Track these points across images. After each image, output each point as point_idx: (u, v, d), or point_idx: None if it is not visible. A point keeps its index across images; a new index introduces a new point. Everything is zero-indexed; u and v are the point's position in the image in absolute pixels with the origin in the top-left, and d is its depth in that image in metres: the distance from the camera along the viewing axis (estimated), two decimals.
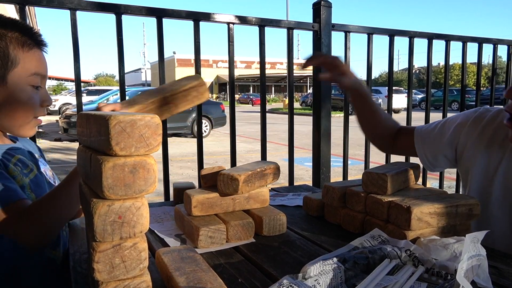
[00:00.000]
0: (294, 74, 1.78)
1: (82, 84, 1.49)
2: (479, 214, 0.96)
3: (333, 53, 1.82)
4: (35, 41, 0.95)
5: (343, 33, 1.84)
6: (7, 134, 1.00)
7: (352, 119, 1.44)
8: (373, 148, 1.95)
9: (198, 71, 1.55)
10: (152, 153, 0.55)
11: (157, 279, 0.75)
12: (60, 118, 10.54)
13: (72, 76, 1.49)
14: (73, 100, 19.28)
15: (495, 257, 0.86)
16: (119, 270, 0.52)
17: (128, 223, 0.52)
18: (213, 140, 10.16)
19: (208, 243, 0.91)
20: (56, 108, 17.98)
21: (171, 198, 1.57)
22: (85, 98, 15.78)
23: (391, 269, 0.75)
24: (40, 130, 11.90)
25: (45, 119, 13.53)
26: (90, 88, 22.12)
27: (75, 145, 9.25)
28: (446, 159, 1.26)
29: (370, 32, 1.87)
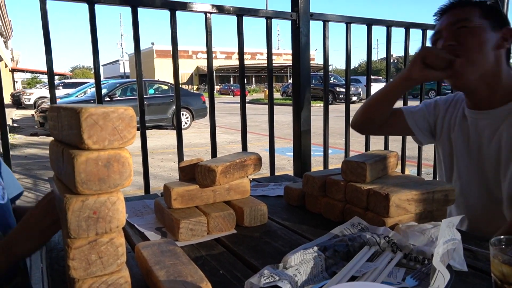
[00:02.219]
0: (274, 64, 1.77)
1: (58, 77, 1.44)
2: (454, 199, 0.98)
3: (312, 43, 1.82)
4: None
5: (321, 23, 1.84)
6: None
7: (332, 108, 1.45)
8: (353, 137, 1.97)
9: (175, 62, 1.52)
10: (127, 146, 0.53)
11: (137, 273, 0.74)
12: (35, 112, 10.25)
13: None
14: (48, 93, 18.70)
15: (469, 240, 0.88)
16: (95, 266, 0.51)
17: (103, 218, 0.51)
18: (195, 132, 10.07)
19: (189, 235, 0.90)
20: (32, 102, 17.46)
21: (151, 191, 1.55)
22: (62, 91, 15.37)
23: (371, 256, 0.76)
24: (15, 125, 11.56)
25: (20, 114, 13.12)
26: (66, 81, 21.54)
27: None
28: (431, 135, 1.32)
29: (348, 21, 1.87)
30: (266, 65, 1.75)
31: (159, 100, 10.41)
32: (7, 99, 21.89)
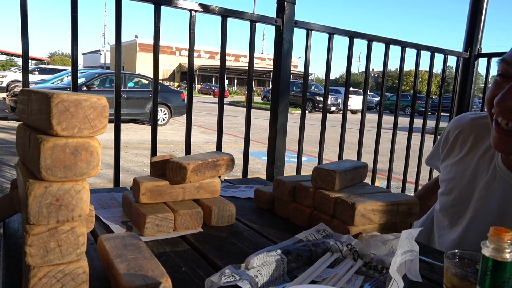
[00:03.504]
0: (257, 68, 1.78)
1: (34, 61, 1.40)
2: (417, 213, 1.01)
3: (294, 50, 1.84)
4: None
5: (305, 31, 1.87)
6: None
7: (312, 116, 1.47)
8: (328, 147, 2.00)
9: (156, 56, 1.51)
10: (96, 136, 0.53)
11: (98, 266, 0.73)
12: (7, 96, 9.92)
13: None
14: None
15: (428, 253, 0.91)
16: (54, 254, 0.50)
17: (66, 206, 0.50)
18: (172, 129, 9.97)
19: (154, 231, 0.90)
20: (4, 85, 16.86)
21: (122, 185, 1.53)
22: (37, 77, 14.92)
23: (332, 262, 0.78)
24: None
25: None
26: (43, 66, 20.92)
27: None
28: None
29: (331, 32, 1.91)
30: (247, 68, 1.76)
31: (138, 94, 10.26)
32: None
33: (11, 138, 7.18)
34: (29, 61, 1.47)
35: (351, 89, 2.28)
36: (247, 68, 1.77)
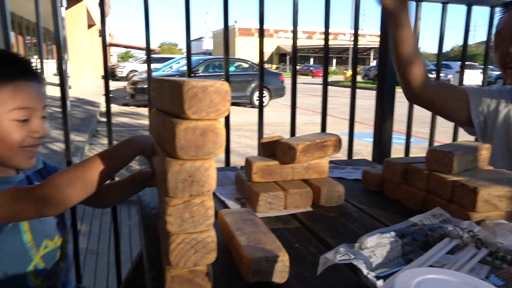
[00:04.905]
0: (358, 46, 1.72)
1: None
2: None
3: None
4: (16, 72, 0.85)
5: (413, 3, 1.73)
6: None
7: None
8: (439, 127, 1.86)
9: (261, 41, 1.55)
10: (220, 118, 0.57)
11: (218, 237, 0.80)
12: (127, 84, 11.10)
13: (139, 44, 1.56)
14: (139, 67, 20.14)
15: None
16: (188, 224, 0.57)
17: (197, 182, 0.56)
18: (272, 111, 10.18)
19: (266, 208, 0.94)
20: (124, 74, 18.95)
21: (231, 164, 1.63)
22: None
23: (452, 249, 0.73)
24: (111, 95, 12.65)
25: (114, 85, 14.31)
26: (154, 56, 22.96)
27: (141, 110, 9.75)
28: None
29: (445, 1, 1.74)
30: (348, 46, 1.71)
31: (239, 78, 10.65)
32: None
33: (132, 122, 8.07)
34: (144, 52, 1.63)
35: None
36: (346, 46, 1.72)
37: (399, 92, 1.70)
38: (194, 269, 0.59)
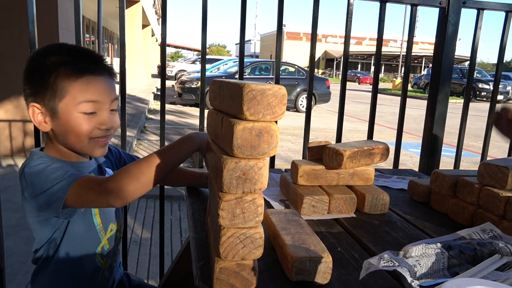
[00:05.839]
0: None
1: (196, 52, 1.62)
2: None
3: (460, 33, 1.68)
4: (87, 67, 0.90)
5: (474, 11, 1.68)
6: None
7: (472, 106, 1.33)
8: (493, 141, 1.78)
9: (313, 45, 1.57)
10: (276, 120, 0.60)
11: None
12: (176, 84, 11.45)
13: (188, 45, 1.63)
14: (187, 67, 20.71)
15: None
16: (238, 219, 0.60)
17: (250, 180, 0.59)
18: (316, 116, 10.10)
19: (310, 211, 0.96)
20: (173, 74, 19.56)
21: (275, 166, 1.66)
22: (198, 66, 16.81)
23: (502, 266, 0.72)
24: (159, 93, 13.11)
25: None
26: None
27: (187, 109, 10.03)
28: None
29: (510, 9, 1.67)
30: (398, 53, 1.68)
31: (285, 82, 10.65)
32: (154, 70, 24.90)
33: (178, 121, 8.32)
34: (193, 52, 1.69)
35: None
36: (396, 53, 1.70)
37: (450, 103, 1.65)
38: (242, 262, 0.62)
